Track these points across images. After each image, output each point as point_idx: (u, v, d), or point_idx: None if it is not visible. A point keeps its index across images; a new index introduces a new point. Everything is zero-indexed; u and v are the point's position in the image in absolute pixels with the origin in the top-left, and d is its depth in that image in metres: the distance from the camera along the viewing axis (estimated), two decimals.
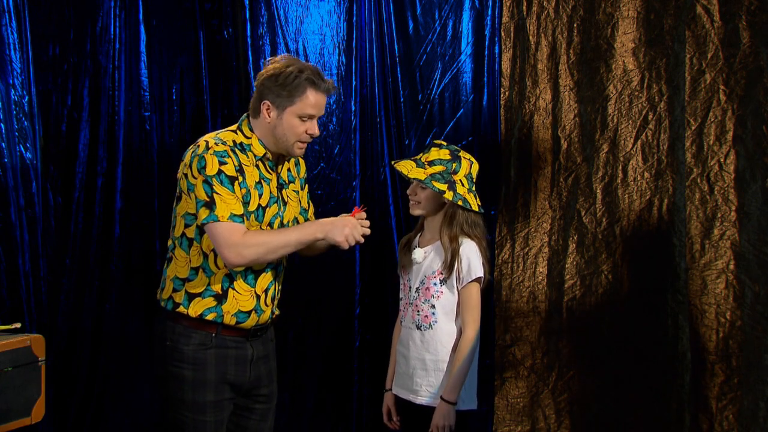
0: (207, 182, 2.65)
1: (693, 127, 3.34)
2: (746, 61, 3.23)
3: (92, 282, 4.09)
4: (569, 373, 3.57)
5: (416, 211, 3.04)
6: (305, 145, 2.81)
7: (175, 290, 2.79)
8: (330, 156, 4.04)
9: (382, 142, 3.98)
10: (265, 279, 2.82)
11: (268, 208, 2.80)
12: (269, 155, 2.79)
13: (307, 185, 3.06)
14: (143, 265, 4.14)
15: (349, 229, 2.72)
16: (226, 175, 2.66)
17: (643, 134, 3.46)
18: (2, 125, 3.83)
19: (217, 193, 2.64)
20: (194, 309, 2.76)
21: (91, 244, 4.08)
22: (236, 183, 2.68)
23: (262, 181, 2.78)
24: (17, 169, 3.88)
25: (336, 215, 4.00)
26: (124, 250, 4.10)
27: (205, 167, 2.65)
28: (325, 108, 2.81)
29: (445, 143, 3.03)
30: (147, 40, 4.12)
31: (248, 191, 2.72)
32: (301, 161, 3.02)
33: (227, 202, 2.65)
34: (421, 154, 3.02)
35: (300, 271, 4.08)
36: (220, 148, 2.69)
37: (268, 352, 2.94)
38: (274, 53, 4.09)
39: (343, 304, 4.05)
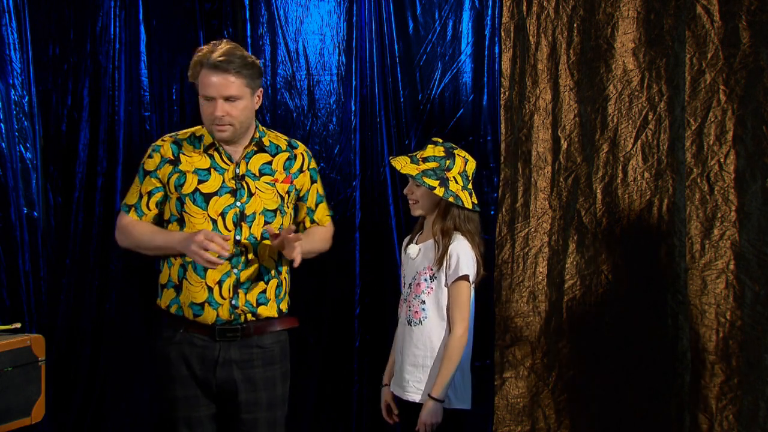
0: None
1: (693, 127, 3.34)
2: (746, 61, 3.23)
3: (92, 282, 4.09)
4: (569, 373, 3.56)
5: (417, 212, 3.06)
6: (223, 127, 2.78)
7: (156, 283, 2.94)
8: (330, 156, 4.04)
9: (382, 142, 3.98)
10: (217, 270, 2.78)
11: (216, 197, 2.81)
12: (217, 144, 2.85)
13: (314, 184, 3.02)
14: (143, 265, 4.13)
15: (192, 251, 2.69)
16: (143, 168, 2.91)
17: (643, 134, 3.46)
18: (2, 125, 3.83)
19: (131, 183, 2.94)
20: (164, 300, 2.87)
21: (91, 244, 4.08)
22: (148, 176, 2.87)
23: (212, 169, 2.83)
24: (17, 169, 3.89)
25: (336, 215, 4.01)
26: (124, 250, 4.09)
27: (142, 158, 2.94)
28: (227, 87, 2.71)
29: (441, 140, 3.05)
30: (147, 40, 4.12)
31: (181, 175, 2.82)
32: (299, 156, 2.96)
33: (129, 193, 2.93)
34: (418, 151, 3.04)
35: (300, 271, 4.09)
36: (160, 142, 2.91)
37: (250, 358, 2.85)
38: (274, 53, 4.09)
39: (343, 304, 4.05)
